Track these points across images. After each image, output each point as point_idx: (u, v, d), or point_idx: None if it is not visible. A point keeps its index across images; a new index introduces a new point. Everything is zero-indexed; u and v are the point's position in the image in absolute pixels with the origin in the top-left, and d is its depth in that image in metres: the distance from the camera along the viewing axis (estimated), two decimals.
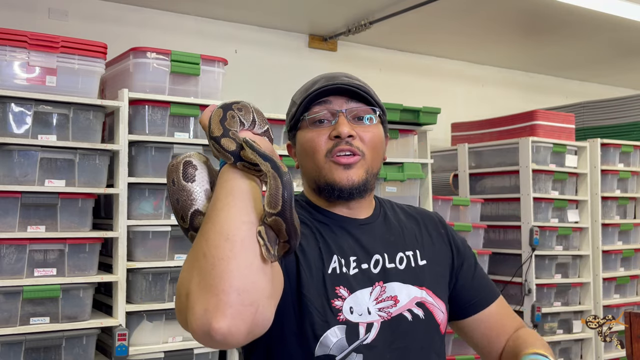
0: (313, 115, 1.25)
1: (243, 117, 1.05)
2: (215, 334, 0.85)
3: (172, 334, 2.65)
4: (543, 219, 3.67)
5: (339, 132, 1.21)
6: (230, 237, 0.89)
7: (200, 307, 0.86)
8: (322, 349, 1.15)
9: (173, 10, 3.48)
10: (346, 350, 1.15)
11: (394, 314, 1.22)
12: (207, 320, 0.85)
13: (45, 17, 3.15)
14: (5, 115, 2.35)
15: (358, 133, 1.23)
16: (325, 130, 1.23)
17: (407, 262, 1.28)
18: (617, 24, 3.74)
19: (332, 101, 1.25)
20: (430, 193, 3.40)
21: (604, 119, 4.29)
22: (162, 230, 2.63)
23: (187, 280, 0.90)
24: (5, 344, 2.29)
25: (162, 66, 2.68)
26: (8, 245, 2.33)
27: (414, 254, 1.30)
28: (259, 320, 0.89)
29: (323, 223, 1.26)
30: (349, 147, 1.21)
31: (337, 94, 1.24)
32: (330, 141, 1.22)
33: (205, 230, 0.93)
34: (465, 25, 3.86)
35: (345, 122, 1.22)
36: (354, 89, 1.24)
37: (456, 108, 4.52)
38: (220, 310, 0.85)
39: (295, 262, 1.16)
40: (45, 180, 2.41)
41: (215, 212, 0.93)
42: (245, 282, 0.87)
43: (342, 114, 1.23)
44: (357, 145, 1.22)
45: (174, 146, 2.66)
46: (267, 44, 3.81)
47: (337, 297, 1.17)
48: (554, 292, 3.71)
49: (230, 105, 1.04)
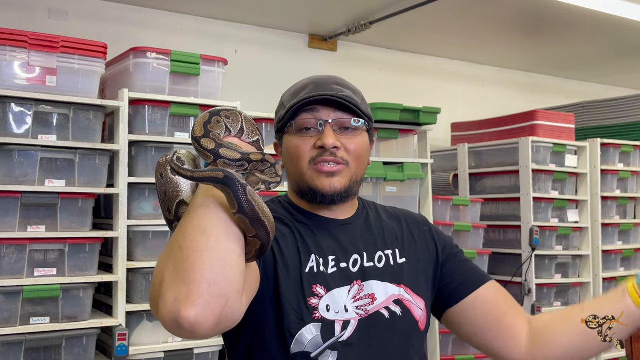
0: (300, 123, 1.26)
1: (230, 124, 1.08)
2: (183, 322, 0.87)
3: (172, 334, 2.65)
4: (543, 219, 3.67)
5: (324, 143, 1.22)
6: (207, 232, 0.93)
7: (171, 295, 0.89)
8: (298, 346, 1.17)
9: (173, 10, 3.47)
10: (321, 347, 1.17)
11: (371, 311, 1.23)
12: (177, 308, 0.87)
13: (45, 17, 3.15)
14: (6, 115, 2.35)
15: (343, 143, 1.25)
16: (310, 139, 1.24)
17: (386, 261, 1.30)
18: (617, 24, 3.74)
19: (320, 110, 1.25)
20: (430, 193, 3.40)
21: (604, 119, 4.29)
22: (162, 230, 2.63)
23: (162, 270, 0.93)
24: (5, 344, 2.29)
25: (162, 66, 2.68)
26: (8, 245, 2.33)
27: (393, 253, 1.31)
28: (227, 313, 0.91)
29: (303, 224, 1.28)
30: (333, 159, 1.23)
31: (325, 103, 1.25)
32: (314, 150, 1.24)
33: (184, 224, 0.96)
34: (465, 25, 3.86)
35: (331, 133, 1.24)
36: (341, 101, 1.25)
37: (456, 108, 4.52)
38: (190, 299, 0.87)
39: (273, 262, 1.19)
40: (45, 180, 2.41)
41: (194, 208, 0.97)
42: (217, 274, 0.89)
43: (328, 124, 1.24)
44: (342, 156, 1.24)
45: (174, 146, 2.66)
46: (267, 44, 3.81)
47: (313, 296, 1.20)
48: (554, 292, 3.71)
49: (219, 111, 1.07)
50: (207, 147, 1.00)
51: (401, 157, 3.36)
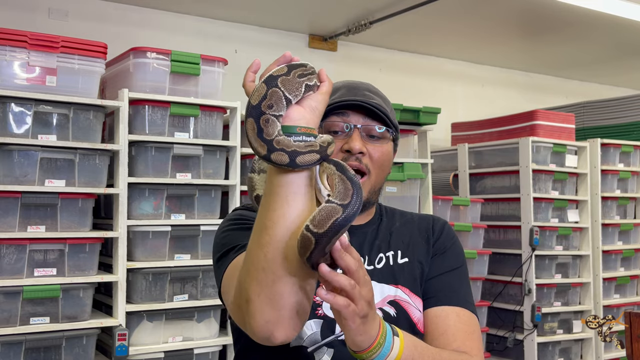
0: (329, 125, 1.27)
1: (275, 110, 0.94)
2: (275, 340, 0.99)
3: (172, 334, 2.65)
4: (543, 219, 3.67)
5: (350, 147, 1.24)
6: (289, 257, 0.95)
7: (261, 317, 0.97)
8: (297, 341, 1.19)
9: (173, 10, 3.48)
10: (318, 343, 1.19)
11: None
12: (269, 330, 0.98)
13: (45, 17, 3.15)
14: (5, 115, 2.35)
15: (368, 150, 1.26)
16: (337, 142, 1.25)
17: (385, 262, 1.29)
18: (617, 24, 3.74)
19: (350, 114, 1.27)
20: (430, 193, 3.40)
21: (604, 119, 4.29)
22: (162, 230, 2.63)
23: (247, 287, 0.98)
24: (5, 344, 2.29)
25: (162, 66, 2.68)
26: (8, 245, 2.33)
27: (394, 254, 1.31)
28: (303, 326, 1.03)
29: None
30: (358, 164, 1.24)
31: (356, 108, 1.27)
32: (340, 153, 1.25)
33: (264, 242, 0.96)
34: (465, 25, 3.86)
35: (359, 138, 1.25)
36: (372, 109, 1.26)
37: (456, 108, 4.52)
38: (280, 324, 0.97)
39: None
40: (45, 180, 2.41)
41: (272, 222, 0.95)
42: (301, 298, 0.98)
43: (357, 129, 1.26)
44: (366, 163, 1.25)
45: (174, 146, 2.66)
46: (267, 44, 3.81)
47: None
48: (554, 292, 3.71)
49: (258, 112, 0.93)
50: (282, 162, 0.92)
51: (401, 157, 3.36)
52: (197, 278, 2.71)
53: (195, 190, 2.72)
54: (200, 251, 2.72)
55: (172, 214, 2.68)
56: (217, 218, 2.78)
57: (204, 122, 2.75)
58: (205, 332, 2.72)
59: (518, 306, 3.63)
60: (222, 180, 2.79)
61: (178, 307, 2.64)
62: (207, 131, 2.76)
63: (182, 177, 2.69)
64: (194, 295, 2.71)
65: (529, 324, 3.58)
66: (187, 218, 2.70)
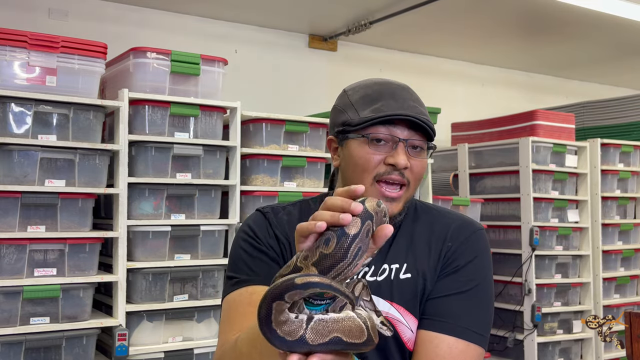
0: (373, 134, 1.21)
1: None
2: None
3: (172, 334, 2.65)
4: (543, 219, 3.67)
5: (396, 162, 1.19)
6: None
7: None
8: None
9: (173, 10, 3.48)
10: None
11: None
12: None
13: (45, 17, 3.15)
14: (5, 115, 2.35)
15: (411, 164, 1.21)
16: (380, 154, 1.20)
17: (387, 275, 1.24)
18: (617, 24, 3.74)
19: (395, 125, 1.21)
20: (430, 193, 3.40)
21: (604, 119, 4.29)
22: (162, 230, 2.63)
23: None
24: (5, 344, 2.29)
25: (162, 66, 2.68)
26: (8, 245, 2.33)
27: (398, 267, 1.25)
28: None
29: None
30: (400, 179, 1.20)
31: (404, 120, 1.21)
32: (383, 166, 1.20)
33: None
34: (465, 25, 3.86)
35: (404, 152, 1.20)
36: (419, 123, 1.21)
37: (456, 108, 4.52)
38: None
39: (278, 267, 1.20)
40: (45, 180, 2.41)
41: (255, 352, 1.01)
42: None
43: (402, 143, 1.21)
44: (407, 176, 1.21)
45: (174, 146, 2.66)
46: (267, 44, 3.81)
47: None
48: (554, 292, 3.71)
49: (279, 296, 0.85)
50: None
51: None
52: (197, 278, 2.71)
53: (195, 190, 2.72)
54: (200, 251, 2.72)
55: (172, 214, 2.68)
56: (217, 218, 2.78)
57: (204, 122, 2.75)
58: (205, 332, 2.72)
59: (518, 306, 3.63)
60: (222, 180, 2.79)
61: (178, 307, 2.64)
62: (207, 131, 2.76)
63: (182, 177, 2.69)
64: (194, 295, 2.71)
65: (529, 324, 3.58)
66: (187, 218, 2.70)
